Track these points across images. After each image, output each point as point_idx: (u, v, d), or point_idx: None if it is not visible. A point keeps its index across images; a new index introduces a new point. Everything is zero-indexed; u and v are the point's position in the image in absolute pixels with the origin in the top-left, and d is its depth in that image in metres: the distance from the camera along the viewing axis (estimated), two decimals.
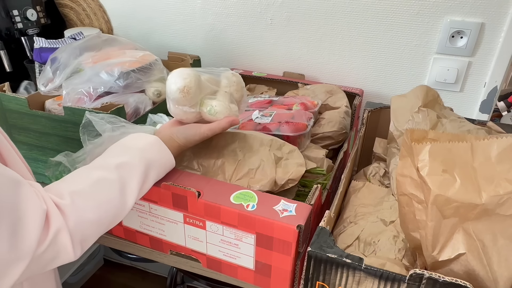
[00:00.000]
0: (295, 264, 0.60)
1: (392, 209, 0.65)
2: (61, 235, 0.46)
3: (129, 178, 0.55)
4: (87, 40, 0.91)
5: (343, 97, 0.94)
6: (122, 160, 0.55)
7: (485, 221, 0.44)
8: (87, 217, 0.49)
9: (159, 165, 0.60)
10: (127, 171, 0.55)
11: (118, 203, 0.53)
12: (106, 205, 0.52)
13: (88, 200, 0.50)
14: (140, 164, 0.56)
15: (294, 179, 0.67)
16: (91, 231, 0.51)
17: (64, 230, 0.46)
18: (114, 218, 0.54)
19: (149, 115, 0.84)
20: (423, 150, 0.47)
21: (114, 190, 0.53)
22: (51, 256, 0.46)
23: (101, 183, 0.52)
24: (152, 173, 0.58)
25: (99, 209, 0.51)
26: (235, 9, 1.12)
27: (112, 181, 0.53)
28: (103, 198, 0.52)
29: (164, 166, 0.61)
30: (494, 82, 0.97)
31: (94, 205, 0.51)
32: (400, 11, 0.97)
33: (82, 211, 0.49)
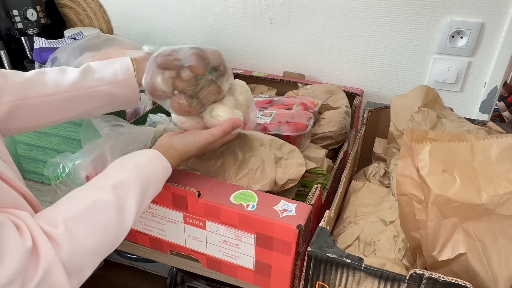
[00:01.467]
0: (295, 264, 0.60)
1: (392, 209, 0.65)
2: (54, 271, 0.42)
3: (127, 198, 0.52)
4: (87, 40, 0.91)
5: (343, 97, 0.94)
6: (119, 179, 0.52)
7: (485, 221, 0.44)
8: (83, 245, 0.46)
9: (157, 180, 0.57)
10: (124, 191, 0.52)
11: (116, 225, 0.50)
12: (104, 229, 0.49)
13: (84, 225, 0.47)
14: (138, 181, 0.53)
15: (294, 179, 0.67)
16: (89, 259, 0.47)
17: (56, 264, 0.42)
18: (113, 242, 0.51)
19: (149, 115, 0.84)
20: (423, 150, 0.47)
21: (111, 213, 0.50)
22: None
23: (97, 206, 0.49)
24: (150, 190, 0.56)
25: (96, 235, 0.48)
26: (235, 9, 1.12)
27: (108, 203, 0.50)
28: (100, 222, 0.49)
29: (162, 178, 0.59)
30: (494, 82, 0.97)
31: (91, 230, 0.47)
32: (400, 11, 0.97)
33: (77, 238, 0.46)
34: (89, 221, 0.48)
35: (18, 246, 0.40)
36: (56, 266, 0.42)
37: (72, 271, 0.44)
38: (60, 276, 0.43)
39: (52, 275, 0.42)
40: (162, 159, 0.58)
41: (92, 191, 0.51)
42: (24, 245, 0.40)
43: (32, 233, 0.42)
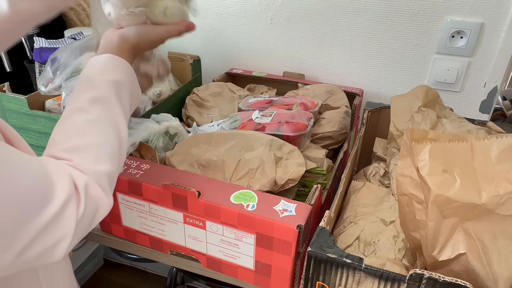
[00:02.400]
0: (295, 264, 0.60)
1: (392, 209, 0.65)
2: (91, 188, 0.46)
3: (110, 108, 0.53)
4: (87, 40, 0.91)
5: (343, 97, 0.94)
6: (91, 95, 0.52)
7: (485, 221, 0.44)
8: (100, 166, 0.49)
9: (122, 81, 0.55)
10: (103, 103, 0.52)
11: (116, 136, 0.52)
12: (108, 144, 0.51)
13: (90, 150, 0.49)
14: (110, 90, 0.53)
15: (294, 179, 0.67)
16: (111, 173, 0.50)
17: (90, 182, 0.46)
18: (120, 151, 0.53)
19: (152, 115, 0.84)
20: (423, 150, 0.47)
21: (105, 127, 0.52)
22: (91, 213, 0.46)
23: (87, 127, 0.51)
24: (124, 95, 0.55)
25: (104, 153, 0.50)
26: (235, 9, 1.12)
27: (98, 121, 0.51)
28: (101, 140, 0.51)
29: (127, 78, 0.56)
30: (494, 82, 0.97)
31: (99, 152, 0.50)
32: (400, 11, 0.97)
33: (93, 163, 0.48)
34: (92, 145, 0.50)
35: (62, 175, 0.43)
36: (90, 184, 0.46)
37: (105, 186, 0.48)
38: (97, 192, 0.47)
39: (90, 192, 0.46)
40: (119, 61, 0.56)
41: (75, 113, 0.52)
42: (65, 173, 0.44)
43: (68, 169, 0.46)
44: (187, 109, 0.97)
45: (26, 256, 0.40)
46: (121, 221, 0.72)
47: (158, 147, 0.77)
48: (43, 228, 0.40)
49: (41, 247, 0.41)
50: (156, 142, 0.76)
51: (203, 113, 0.96)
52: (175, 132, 0.81)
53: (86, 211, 0.44)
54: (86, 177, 0.46)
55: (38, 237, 0.40)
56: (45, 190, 0.41)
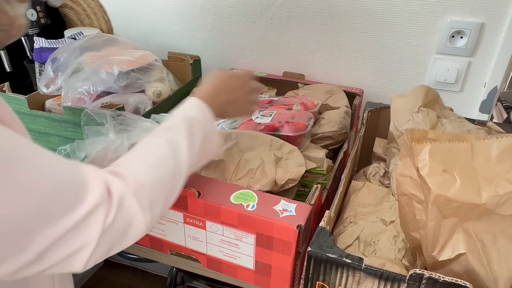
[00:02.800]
0: (295, 264, 0.60)
1: (392, 209, 0.65)
2: (126, 200, 0.44)
3: (176, 137, 0.54)
4: (87, 40, 0.91)
5: (343, 97, 0.94)
6: (165, 125, 0.56)
7: (485, 221, 0.44)
8: (145, 179, 0.47)
9: (202, 123, 0.58)
10: (172, 132, 0.54)
11: (173, 162, 0.52)
12: (161, 165, 0.51)
13: (141, 162, 0.49)
14: (182, 122, 0.55)
15: (294, 179, 0.67)
16: (156, 193, 0.48)
17: (127, 194, 0.44)
18: (173, 179, 0.52)
19: (152, 115, 0.84)
20: (423, 150, 0.47)
21: (164, 150, 0.52)
22: (122, 226, 0.44)
23: (150, 146, 0.52)
24: (197, 132, 0.56)
25: (155, 170, 0.49)
26: (235, 9, 1.12)
27: (160, 143, 0.52)
28: (156, 158, 0.51)
29: (207, 122, 0.59)
30: (494, 82, 0.97)
31: (149, 166, 0.49)
32: (400, 11, 0.97)
33: (139, 173, 0.47)
34: (146, 158, 0.50)
35: (96, 178, 0.42)
36: (127, 195, 0.44)
37: (142, 203, 0.46)
38: (132, 204, 0.44)
39: (125, 203, 0.44)
40: (199, 103, 0.60)
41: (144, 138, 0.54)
42: (100, 179, 0.43)
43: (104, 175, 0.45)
44: None
45: (45, 260, 0.38)
46: None
47: None
48: (65, 233, 0.38)
49: (61, 253, 0.39)
50: None
51: None
52: None
53: (116, 222, 0.42)
54: (124, 188, 0.44)
55: (58, 241, 0.38)
56: (75, 194, 0.40)
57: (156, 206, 0.48)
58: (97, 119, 0.68)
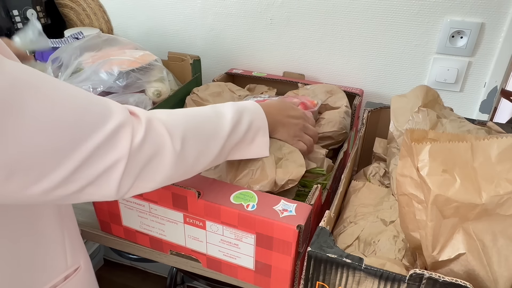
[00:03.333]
0: (295, 264, 0.60)
1: (392, 209, 0.65)
2: (154, 123, 0.45)
3: (223, 109, 0.56)
4: (87, 40, 0.91)
5: (343, 97, 0.94)
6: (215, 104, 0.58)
7: (485, 221, 0.44)
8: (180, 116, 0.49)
9: (252, 113, 0.60)
10: (220, 106, 0.57)
11: (214, 121, 0.54)
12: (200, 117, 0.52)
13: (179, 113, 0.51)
14: (233, 105, 0.57)
15: (294, 179, 0.67)
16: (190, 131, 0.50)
17: (155, 119, 0.46)
18: (210, 134, 0.53)
19: None
20: (423, 150, 0.47)
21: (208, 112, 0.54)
22: (151, 148, 0.45)
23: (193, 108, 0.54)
24: (245, 117, 0.58)
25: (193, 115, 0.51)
26: (235, 9, 1.12)
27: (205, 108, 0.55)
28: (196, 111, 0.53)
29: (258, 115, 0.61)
30: (494, 82, 0.97)
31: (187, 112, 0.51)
32: (400, 11, 0.97)
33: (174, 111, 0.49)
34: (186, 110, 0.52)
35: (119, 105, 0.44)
36: (155, 120, 0.46)
37: (173, 131, 0.47)
38: (160, 128, 0.46)
39: (154, 125, 0.45)
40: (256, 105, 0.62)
41: None
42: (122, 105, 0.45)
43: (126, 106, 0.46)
44: None
45: (80, 177, 0.40)
46: (121, 221, 0.72)
47: None
48: (96, 148, 0.40)
49: (94, 170, 0.41)
50: None
51: None
52: None
53: (145, 141, 0.44)
54: (153, 114, 0.46)
55: (91, 157, 0.40)
56: (100, 113, 0.41)
57: (188, 143, 0.49)
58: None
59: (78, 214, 0.80)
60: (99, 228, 0.77)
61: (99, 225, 0.76)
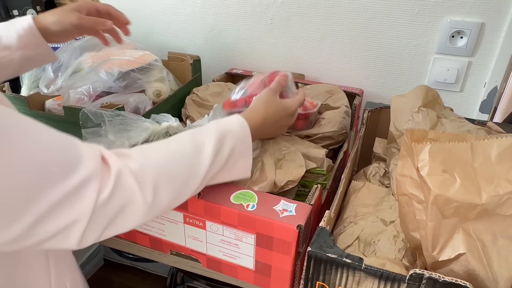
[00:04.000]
0: (295, 264, 0.60)
1: (392, 209, 0.65)
2: (124, 177, 0.42)
3: (203, 138, 0.52)
4: (87, 40, 0.91)
5: (343, 97, 0.94)
6: (197, 129, 0.54)
7: (485, 221, 0.44)
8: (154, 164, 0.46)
9: (236, 137, 0.55)
10: (201, 133, 0.52)
11: (191, 160, 0.50)
12: (178, 158, 0.49)
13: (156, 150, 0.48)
14: (215, 131, 0.53)
15: (294, 180, 0.67)
16: (162, 180, 0.46)
17: (126, 170, 0.43)
18: (187, 176, 0.49)
19: (152, 115, 0.84)
20: (423, 150, 0.47)
21: (186, 147, 0.50)
22: (119, 202, 0.42)
23: (172, 140, 0.50)
24: (227, 142, 0.54)
25: (168, 160, 0.47)
26: (235, 9, 1.12)
27: (184, 139, 0.50)
28: (174, 151, 0.49)
29: (242, 138, 0.57)
30: (494, 82, 0.97)
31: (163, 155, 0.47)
32: (400, 11, 0.97)
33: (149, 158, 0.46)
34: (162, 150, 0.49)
35: (90, 153, 0.41)
36: (125, 172, 0.43)
37: (143, 182, 0.44)
38: (130, 182, 0.43)
39: (123, 180, 0.42)
40: (242, 121, 0.58)
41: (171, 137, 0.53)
42: (95, 152, 0.42)
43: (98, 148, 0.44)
44: (187, 109, 0.97)
45: (38, 232, 0.38)
46: None
47: None
48: (57, 203, 0.37)
49: (54, 225, 0.38)
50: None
51: (203, 113, 0.96)
52: (175, 133, 0.81)
53: (112, 198, 0.41)
54: (124, 165, 0.43)
55: (51, 212, 0.37)
56: (66, 163, 0.39)
57: (161, 191, 0.46)
58: (95, 119, 0.69)
59: None
60: None
61: None
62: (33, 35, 0.64)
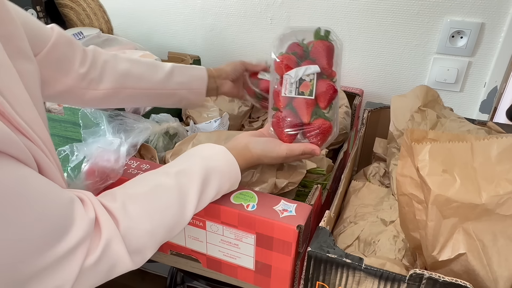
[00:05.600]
0: (295, 264, 0.60)
1: (392, 209, 0.65)
2: (114, 244, 0.43)
3: (188, 185, 0.52)
4: (87, 40, 0.91)
5: (343, 97, 0.94)
6: (182, 167, 0.53)
7: (485, 221, 0.44)
8: (140, 225, 0.46)
9: (221, 173, 0.55)
10: (186, 178, 0.52)
11: (176, 211, 0.50)
12: (162, 213, 0.49)
13: (142, 204, 0.48)
14: (200, 171, 0.53)
15: (294, 182, 0.67)
16: (150, 240, 0.48)
17: (116, 237, 0.43)
18: (171, 228, 0.50)
19: (152, 115, 0.84)
20: (423, 150, 0.47)
21: (171, 197, 0.50)
22: (107, 266, 0.43)
23: (158, 189, 0.50)
24: (213, 181, 0.54)
25: (153, 216, 0.48)
26: (235, 9, 1.12)
27: (169, 188, 0.50)
28: (158, 205, 0.49)
29: (228, 174, 0.57)
30: (494, 82, 0.97)
31: (148, 210, 0.48)
32: (400, 11, 0.97)
33: (135, 217, 0.46)
34: (147, 202, 0.49)
35: (83, 217, 0.42)
36: (116, 239, 0.43)
37: (131, 248, 0.45)
38: (120, 249, 0.44)
39: (112, 247, 0.43)
40: (228, 154, 0.58)
41: (156, 175, 0.52)
42: (88, 216, 0.42)
43: (94, 207, 0.44)
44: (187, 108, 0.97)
45: None
46: None
47: (158, 147, 0.77)
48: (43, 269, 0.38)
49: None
50: (156, 142, 0.76)
51: (203, 113, 0.96)
52: (175, 132, 0.81)
53: (99, 263, 0.42)
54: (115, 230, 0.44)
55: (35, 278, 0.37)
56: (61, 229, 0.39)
57: (148, 250, 0.48)
58: (93, 119, 0.69)
59: None
60: None
61: None
62: (202, 85, 0.75)
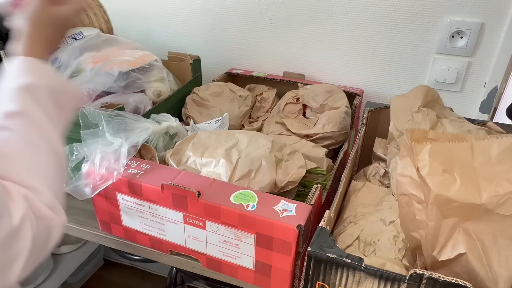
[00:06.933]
0: (295, 264, 0.60)
1: (392, 209, 0.65)
2: (37, 208, 0.43)
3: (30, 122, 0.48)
4: (87, 40, 0.91)
5: (343, 97, 0.94)
6: (7, 108, 0.48)
7: (485, 221, 0.44)
8: (43, 185, 0.46)
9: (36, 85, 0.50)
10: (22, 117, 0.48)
11: (52, 154, 0.49)
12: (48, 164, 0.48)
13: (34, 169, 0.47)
14: (29, 103, 0.49)
15: (294, 181, 0.67)
16: (57, 188, 0.48)
17: (36, 202, 0.44)
18: (59, 166, 0.50)
19: (152, 115, 0.84)
20: (423, 150, 0.47)
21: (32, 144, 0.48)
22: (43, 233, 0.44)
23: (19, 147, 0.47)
24: (44, 101, 0.50)
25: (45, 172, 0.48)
26: (235, 9, 1.12)
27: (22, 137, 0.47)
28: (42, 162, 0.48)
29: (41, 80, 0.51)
30: (494, 82, 0.97)
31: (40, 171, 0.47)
32: (400, 11, 0.97)
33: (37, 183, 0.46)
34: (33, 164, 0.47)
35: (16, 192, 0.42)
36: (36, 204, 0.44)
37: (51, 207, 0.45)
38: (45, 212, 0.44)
39: (38, 213, 0.43)
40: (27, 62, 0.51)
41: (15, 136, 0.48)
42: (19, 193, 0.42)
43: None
44: (187, 108, 0.97)
45: None
46: (121, 221, 0.72)
47: (158, 147, 0.77)
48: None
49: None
50: (156, 142, 0.76)
51: (203, 113, 0.96)
52: (175, 132, 0.81)
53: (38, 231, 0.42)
54: (35, 199, 0.44)
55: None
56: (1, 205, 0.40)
57: (62, 199, 0.48)
58: (93, 119, 0.68)
59: (78, 214, 0.80)
60: (99, 228, 0.77)
61: (99, 225, 0.76)
62: None
